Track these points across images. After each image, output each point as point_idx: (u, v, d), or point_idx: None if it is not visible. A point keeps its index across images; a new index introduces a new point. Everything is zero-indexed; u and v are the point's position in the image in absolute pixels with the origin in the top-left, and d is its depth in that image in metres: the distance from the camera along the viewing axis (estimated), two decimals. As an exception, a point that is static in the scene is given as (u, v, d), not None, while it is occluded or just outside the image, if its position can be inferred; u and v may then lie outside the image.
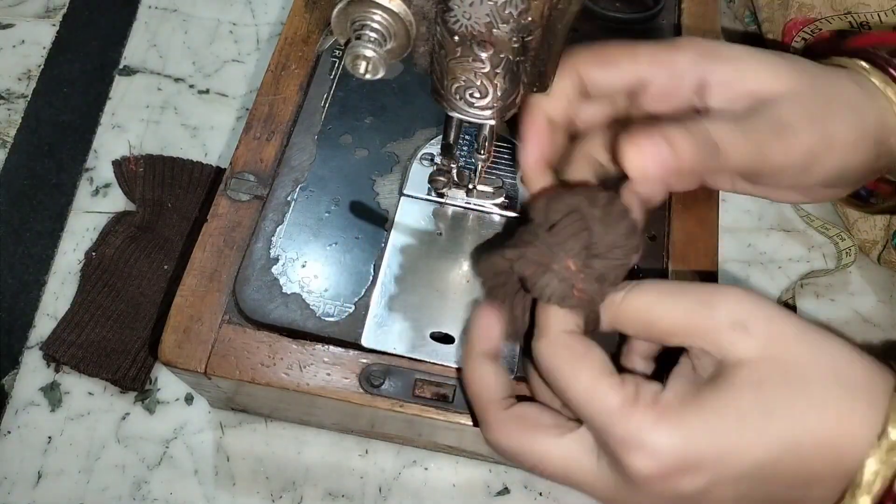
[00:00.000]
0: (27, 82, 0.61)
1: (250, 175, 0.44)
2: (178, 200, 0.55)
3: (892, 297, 0.55)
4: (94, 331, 0.50)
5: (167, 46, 0.62)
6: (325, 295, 0.41)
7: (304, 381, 0.39)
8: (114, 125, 0.59)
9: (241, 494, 0.47)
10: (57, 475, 0.47)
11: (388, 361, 0.40)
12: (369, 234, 0.43)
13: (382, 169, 0.45)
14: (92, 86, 0.60)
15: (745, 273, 0.56)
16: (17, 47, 0.62)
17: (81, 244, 0.54)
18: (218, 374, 0.39)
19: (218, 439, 0.48)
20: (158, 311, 0.51)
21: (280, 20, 0.64)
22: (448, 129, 0.39)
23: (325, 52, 0.49)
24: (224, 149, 0.58)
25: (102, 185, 0.56)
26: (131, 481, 0.47)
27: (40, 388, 0.49)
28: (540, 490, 0.47)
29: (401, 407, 0.39)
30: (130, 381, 0.49)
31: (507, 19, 0.32)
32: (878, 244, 0.54)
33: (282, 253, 0.42)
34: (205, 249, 0.42)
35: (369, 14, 0.31)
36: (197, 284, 0.41)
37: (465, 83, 0.35)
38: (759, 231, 0.57)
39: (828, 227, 0.57)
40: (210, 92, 0.61)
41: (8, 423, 0.48)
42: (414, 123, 0.47)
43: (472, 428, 0.39)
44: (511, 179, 0.45)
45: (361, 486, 0.47)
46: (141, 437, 0.48)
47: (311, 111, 0.47)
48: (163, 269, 0.53)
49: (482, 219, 0.44)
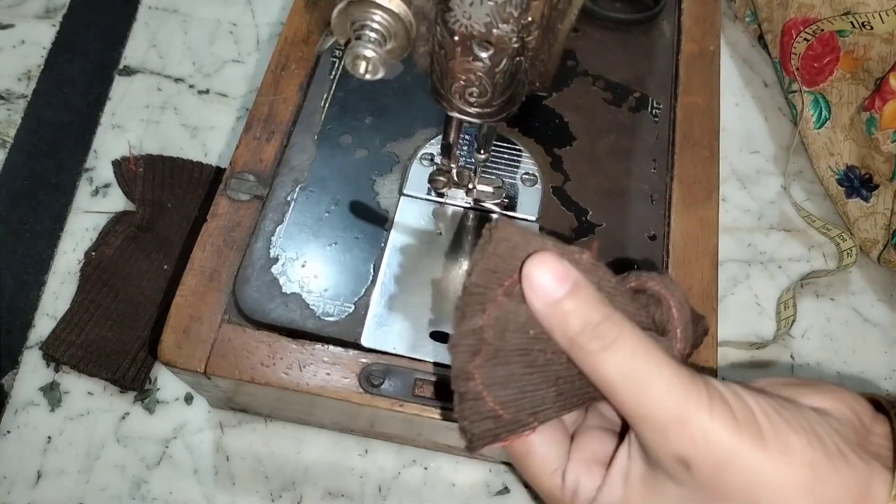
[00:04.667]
0: (27, 82, 0.61)
1: (250, 175, 0.44)
2: (177, 200, 0.55)
3: (892, 296, 0.55)
4: (94, 331, 0.50)
5: (167, 46, 0.62)
6: (324, 295, 0.41)
7: (303, 381, 0.39)
8: (114, 125, 0.59)
9: (241, 494, 0.47)
10: (57, 475, 0.47)
11: (388, 361, 0.40)
12: (369, 234, 0.43)
13: (382, 169, 0.45)
14: (92, 86, 0.60)
15: (746, 273, 0.56)
16: (17, 47, 0.62)
17: (81, 244, 0.54)
18: (217, 373, 0.39)
19: (217, 439, 0.48)
20: (158, 311, 0.51)
21: (280, 20, 0.64)
22: (448, 129, 0.39)
23: (325, 52, 0.49)
24: (224, 149, 0.58)
25: (102, 185, 0.56)
26: (131, 481, 0.47)
27: (40, 387, 0.49)
28: (540, 490, 0.47)
29: (401, 406, 0.39)
30: (130, 381, 0.49)
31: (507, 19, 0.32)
32: (878, 244, 0.54)
33: (281, 253, 0.42)
34: (205, 249, 0.42)
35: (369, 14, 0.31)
36: (197, 284, 0.41)
37: (465, 83, 0.35)
38: (759, 231, 0.57)
39: (829, 228, 0.57)
40: (210, 92, 0.61)
41: (8, 423, 0.48)
42: (414, 123, 0.47)
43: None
44: (511, 179, 0.45)
45: (361, 486, 0.47)
46: (140, 437, 0.48)
47: (311, 111, 0.47)
48: (162, 269, 0.53)
49: (482, 219, 0.44)
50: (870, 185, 0.55)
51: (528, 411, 0.29)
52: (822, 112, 0.58)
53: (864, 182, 0.56)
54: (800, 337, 0.54)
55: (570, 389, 0.29)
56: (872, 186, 0.55)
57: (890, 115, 0.53)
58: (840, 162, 0.57)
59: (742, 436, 0.25)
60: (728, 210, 0.58)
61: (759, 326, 0.54)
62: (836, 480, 0.25)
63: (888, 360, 0.53)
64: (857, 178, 0.56)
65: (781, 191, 0.59)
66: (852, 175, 0.56)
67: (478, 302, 0.29)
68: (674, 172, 0.47)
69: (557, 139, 0.47)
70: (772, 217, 0.58)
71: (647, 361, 0.26)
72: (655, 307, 0.30)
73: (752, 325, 0.54)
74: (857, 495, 0.25)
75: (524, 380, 0.29)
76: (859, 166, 0.56)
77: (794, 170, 0.60)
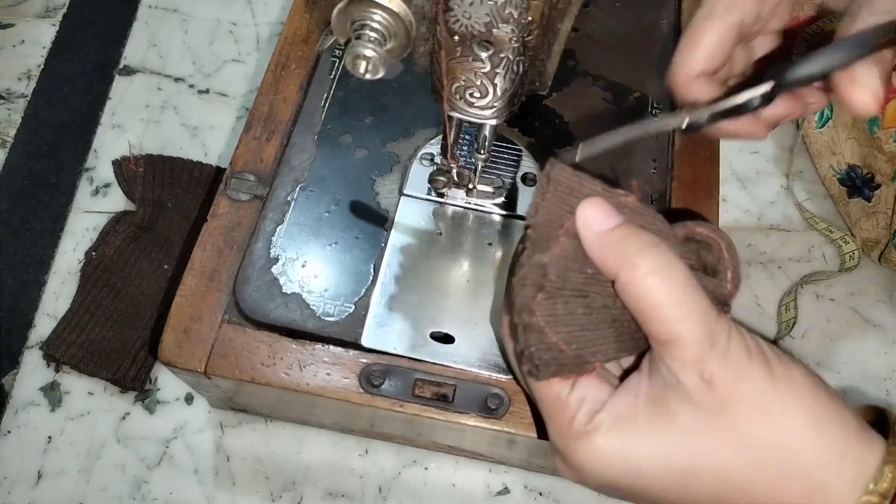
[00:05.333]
0: (27, 82, 0.61)
1: (250, 175, 0.44)
2: (178, 200, 0.55)
3: (892, 297, 0.55)
4: (94, 330, 0.50)
5: (167, 46, 0.62)
6: (325, 295, 0.41)
7: (304, 381, 0.39)
8: (114, 125, 0.59)
9: (241, 494, 0.47)
10: (57, 475, 0.47)
11: (388, 361, 0.40)
12: (369, 234, 0.43)
13: (382, 169, 0.45)
14: (92, 86, 0.60)
15: (746, 273, 0.56)
16: (17, 47, 0.62)
17: (81, 244, 0.54)
18: (218, 373, 0.39)
19: (218, 439, 0.48)
20: (158, 311, 0.51)
21: (280, 20, 0.64)
22: (448, 129, 0.39)
23: (325, 52, 0.49)
24: (224, 149, 0.58)
25: (102, 184, 0.56)
26: (131, 481, 0.47)
27: (40, 387, 0.49)
28: (540, 490, 0.47)
29: (401, 407, 0.39)
30: (130, 381, 0.49)
31: (507, 19, 0.31)
32: (880, 243, 0.54)
33: (282, 253, 0.42)
34: (205, 249, 0.42)
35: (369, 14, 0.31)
36: (197, 284, 0.41)
37: (465, 83, 0.35)
38: (759, 231, 0.57)
39: (832, 230, 0.56)
40: (210, 92, 0.61)
41: (8, 423, 0.48)
42: (414, 123, 0.47)
43: (471, 428, 0.39)
44: (511, 179, 0.45)
45: (361, 486, 0.47)
46: (141, 437, 0.48)
47: (311, 111, 0.47)
48: (163, 268, 0.53)
49: (482, 219, 0.44)
50: (871, 185, 0.55)
51: (590, 349, 0.31)
52: (824, 111, 0.58)
53: (865, 182, 0.56)
54: (800, 337, 0.54)
55: (626, 332, 0.31)
56: (874, 186, 0.55)
57: (892, 114, 0.52)
58: (842, 161, 0.57)
59: (753, 359, 0.29)
60: (728, 210, 0.58)
61: (760, 327, 0.54)
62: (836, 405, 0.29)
63: (888, 360, 0.53)
64: (858, 177, 0.56)
65: (781, 191, 0.59)
66: (854, 174, 0.56)
67: (544, 238, 0.31)
68: (674, 172, 0.46)
69: (557, 139, 0.47)
70: (772, 217, 0.58)
71: (691, 288, 0.29)
72: (706, 252, 0.32)
73: (752, 325, 0.54)
74: (852, 420, 0.29)
75: (584, 319, 0.31)
76: (861, 166, 0.56)
77: (795, 170, 0.60)
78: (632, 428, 0.30)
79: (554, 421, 0.32)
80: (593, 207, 0.31)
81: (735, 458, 0.29)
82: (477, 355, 0.40)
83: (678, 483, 0.29)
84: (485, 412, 0.39)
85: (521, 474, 0.48)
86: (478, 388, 0.39)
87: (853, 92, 0.32)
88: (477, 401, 0.39)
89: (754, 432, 0.28)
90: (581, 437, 0.30)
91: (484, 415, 0.39)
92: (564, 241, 0.31)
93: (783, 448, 0.28)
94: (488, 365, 0.40)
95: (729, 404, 0.29)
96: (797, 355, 0.53)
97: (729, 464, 0.29)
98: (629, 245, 0.30)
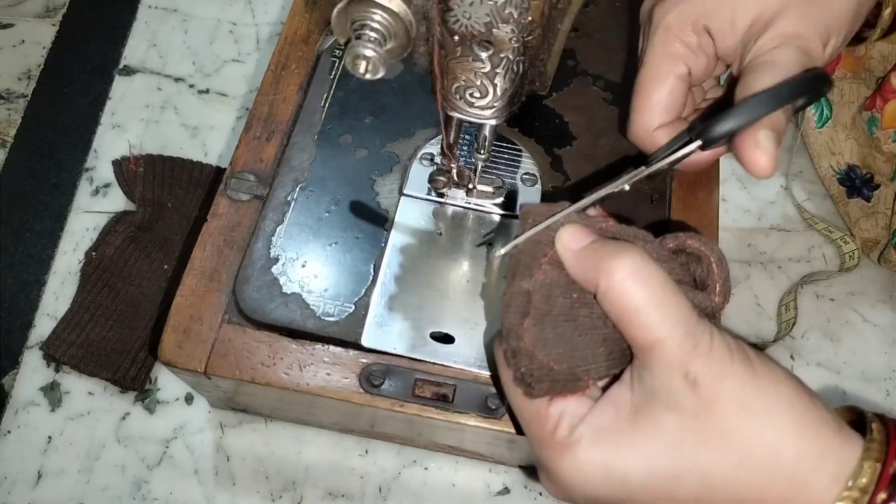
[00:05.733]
0: (27, 82, 0.61)
1: (250, 175, 0.44)
2: (178, 200, 0.55)
3: (892, 297, 0.55)
4: (94, 331, 0.50)
5: (167, 46, 0.62)
6: (325, 295, 0.41)
7: (304, 381, 0.39)
8: (114, 125, 0.59)
9: (241, 494, 0.47)
10: (57, 475, 0.47)
11: (388, 361, 0.40)
12: (369, 234, 0.43)
13: (382, 169, 0.45)
14: (92, 86, 0.60)
15: (746, 273, 0.56)
16: (17, 47, 0.62)
17: (81, 244, 0.54)
18: (218, 373, 0.39)
19: (218, 439, 0.48)
20: (158, 311, 0.51)
21: (280, 20, 0.64)
22: (448, 129, 0.39)
23: (325, 52, 0.49)
24: (224, 149, 0.58)
25: (102, 184, 0.56)
26: (131, 481, 0.47)
27: (40, 387, 0.49)
28: (540, 490, 0.47)
29: (401, 407, 0.39)
30: (130, 381, 0.49)
31: (507, 19, 0.32)
32: (879, 244, 0.54)
33: (282, 253, 0.42)
34: (205, 249, 0.42)
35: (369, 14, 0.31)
36: (197, 284, 0.41)
37: (465, 83, 0.35)
38: (759, 231, 0.57)
39: (832, 231, 0.56)
40: (210, 92, 0.61)
41: (8, 423, 0.48)
42: (414, 123, 0.47)
43: (471, 428, 0.39)
44: (511, 179, 0.45)
45: (361, 486, 0.47)
46: (141, 437, 0.48)
47: (311, 111, 0.47)
48: (163, 268, 0.53)
49: (482, 219, 0.44)
50: (871, 185, 0.55)
51: (582, 367, 0.31)
52: (824, 111, 0.58)
53: (865, 182, 0.56)
54: (800, 337, 0.54)
55: (617, 350, 0.32)
56: (873, 186, 0.55)
57: (891, 114, 0.52)
58: (842, 161, 0.57)
59: (735, 357, 0.29)
60: (728, 210, 0.58)
61: (759, 327, 0.54)
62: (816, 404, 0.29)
63: (888, 360, 0.53)
64: (858, 177, 0.56)
65: (781, 191, 0.59)
66: (854, 175, 0.56)
67: (526, 267, 0.32)
68: (673, 173, 0.46)
69: (557, 139, 0.47)
70: (772, 217, 0.58)
71: (670, 290, 0.30)
72: (696, 265, 0.33)
73: (752, 325, 0.54)
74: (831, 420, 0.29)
75: (574, 339, 0.31)
76: (860, 166, 0.56)
77: (794, 170, 0.60)
78: (614, 439, 0.30)
79: (535, 436, 0.32)
80: (569, 229, 0.32)
81: (719, 459, 0.29)
82: (477, 355, 0.40)
83: (664, 490, 0.30)
84: (485, 412, 0.39)
85: (520, 474, 0.48)
86: (478, 388, 0.39)
87: (756, 155, 0.32)
88: (477, 401, 0.39)
89: (738, 432, 0.29)
90: (563, 449, 0.30)
91: (484, 415, 0.39)
92: (548, 268, 0.32)
93: (766, 446, 0.28)
94: (488, 365, 0.40)
95: (713, 404, 0.29)
96: (797, 355, 0.53)
97: (714, 466, 0.29)
98: (604, 253, 0.30)
